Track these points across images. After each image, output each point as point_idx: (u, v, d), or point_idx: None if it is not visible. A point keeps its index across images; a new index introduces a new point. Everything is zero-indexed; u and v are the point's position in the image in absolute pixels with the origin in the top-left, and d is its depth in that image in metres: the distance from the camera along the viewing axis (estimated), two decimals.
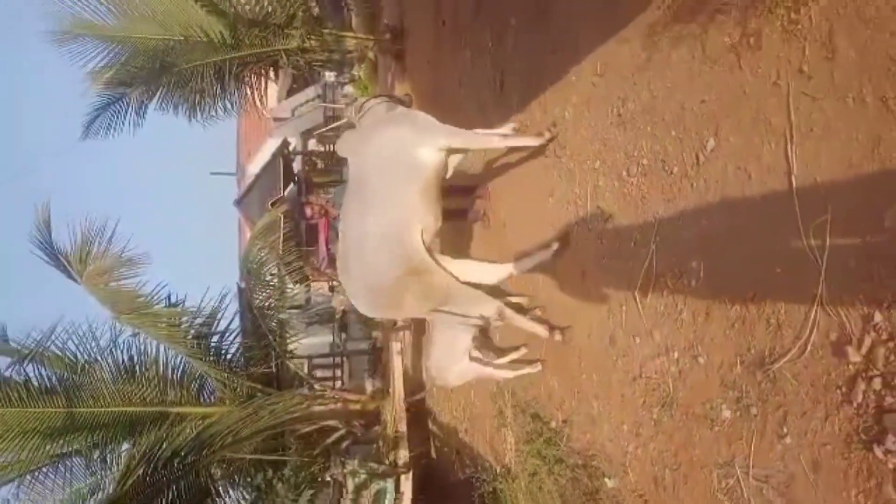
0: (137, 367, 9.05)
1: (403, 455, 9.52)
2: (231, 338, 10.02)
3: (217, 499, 8.43)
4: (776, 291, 2.67)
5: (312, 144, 20.25)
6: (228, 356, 9.93)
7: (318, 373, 15.18)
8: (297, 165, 19.47)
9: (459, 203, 6.76)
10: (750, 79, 2.80)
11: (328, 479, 9.47)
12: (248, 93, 12.64)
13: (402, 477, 9.11)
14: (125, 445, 8.82)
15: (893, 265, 2.14)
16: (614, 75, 4.02)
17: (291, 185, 18.58)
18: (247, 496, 8.90)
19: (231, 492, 8.82)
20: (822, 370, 2.44)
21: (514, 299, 5.46)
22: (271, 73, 12.67)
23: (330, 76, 17.28)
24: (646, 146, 3.64)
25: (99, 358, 8.80)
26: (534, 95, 5.31)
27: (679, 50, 3.31)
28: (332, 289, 9.56)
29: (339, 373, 16.22)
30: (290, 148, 19.40)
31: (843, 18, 2.32)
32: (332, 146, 18.97)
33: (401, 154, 4.21)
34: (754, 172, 2.78)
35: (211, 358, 9.43)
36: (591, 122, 4.30)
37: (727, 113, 2.96)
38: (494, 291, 4.61)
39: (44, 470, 7.97)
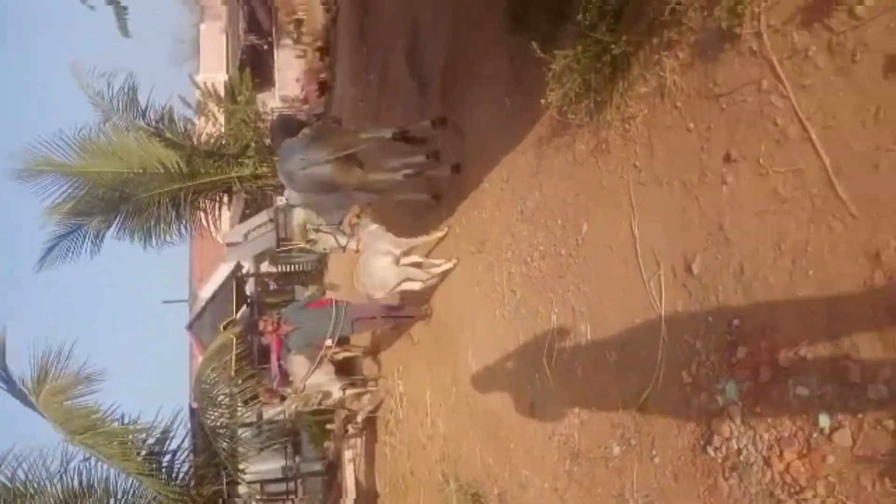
0: (88, 493, 8.97)
1: None
2: (183, 457, 10.04)
3: None
4: (637, 337, 3.33)
5: (265, 267, 20.80)
6: (180, 475, 9.90)
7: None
8: (249, 288, 19.94)
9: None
10: (605, 175, 3.61)
11: None
12: (203, 218, 13.30)
13: None
14: None
15: (702, 302, 2.83)
16: (516, 180, 4.85)
17: (244, 307, 18.95)
18: None
19: None
20: (671, 395, 3.06)
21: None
22: (225, 199, 13.38)
23: (282, 200, 18.18)
24: (541, 235, 4.40)
25: (48, 485, 8.72)
26: (458, 202, 6.13)
27: (558, 157, 4.15)
28: (282, 398, 9.86)
29: (293, 498, 15.98)
30: (243, 271, 19.94)
31: (655, 126, 3.16)
32: (285, 267, 19.58)
33: None
34: (614, 245, 3.53)
35: (163, 477, 9.42)
36: (501, 220, 5.08)
37: (593, 202, 3.75)
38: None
39: None
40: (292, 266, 19.22)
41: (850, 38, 2.07)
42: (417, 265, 6.63)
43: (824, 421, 2.24)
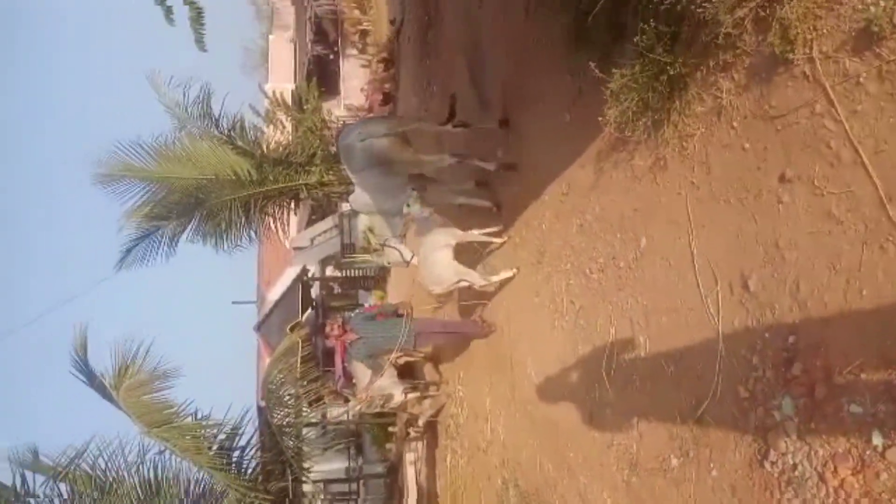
0: (162, 484, 9.47)
1: None
2: (251, 453, 10.46)
3: None
4: (694, 351, 3.38)
5: (330, 271, 21.37)
6: (249, 471, 10.32)
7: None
8: (315, 291, 20.53)
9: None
10: (663, 191, 3.68)
11: None
12: (271, 223, 13.82)
13: None
14: None
15: (758, 319, 2.88)
16: (575, 193, 4.94)
17: (310, 309, 19.52)
18: None
19: None
20: (728, 409, 3.11)
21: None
22: (292, 205, 13.83)
23: (346, 206, 18.64)
24: (600, 248, 4.49)
25: (126, 475, 9.25)
26: (519, 212, 6.26)
27: (617, 172, 4.23)
28: (346, 401, 10.18)
29: (356, 499, 16.40)
30: (309, 275, 20.55)
31: (712, 144, 3.22)
32: (349, 271, 20.08)
33: None
34: (672, 260, 3.59)
35: (233, 471, 9.85)
36: (561, 231, 5.18)
37: (651, 217, 3.82)
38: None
39: None
40: (356, 271, 19.66)
41: None
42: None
43: (878, 439, 2.27)
